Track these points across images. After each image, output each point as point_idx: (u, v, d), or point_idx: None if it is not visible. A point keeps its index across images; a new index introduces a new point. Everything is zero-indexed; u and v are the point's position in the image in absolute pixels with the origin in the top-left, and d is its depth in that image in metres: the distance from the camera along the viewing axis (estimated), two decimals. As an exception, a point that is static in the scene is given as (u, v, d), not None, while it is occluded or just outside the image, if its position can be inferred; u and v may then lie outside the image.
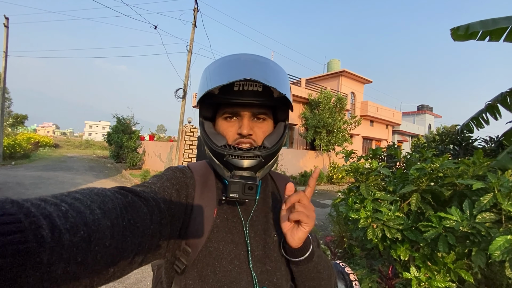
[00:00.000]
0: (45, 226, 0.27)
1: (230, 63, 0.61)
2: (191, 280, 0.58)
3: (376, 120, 21.13)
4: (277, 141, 0.66)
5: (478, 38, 2.88)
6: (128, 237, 0.39)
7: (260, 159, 0.62)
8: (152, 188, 0.54)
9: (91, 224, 0.32)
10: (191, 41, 9.89)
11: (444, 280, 1.65)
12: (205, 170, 0.69)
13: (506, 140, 3.29)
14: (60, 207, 0.30)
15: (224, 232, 0.61)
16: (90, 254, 0.31)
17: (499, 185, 1.46)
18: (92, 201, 0.35)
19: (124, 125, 14.27)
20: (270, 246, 0.65)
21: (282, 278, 0.65)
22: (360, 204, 1.81)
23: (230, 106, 0.65)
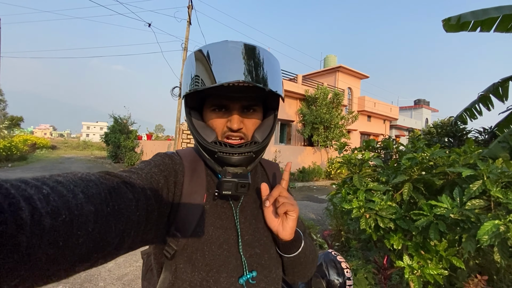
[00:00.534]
0: (25, 208, 0.26)
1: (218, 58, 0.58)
2: (182, 264, 0.59)
3: (373, 115, 21.17)
4: (268, 134, 0.66)
5: (469, 28, 2.89)
6: (112, 223, 0.38)
7: (251, 155, 0.63)
8: (139, 173, 0.53)
9: (73, 209, 0.31)
10: (186, 38, 9.84)
11: (437, 268, 1.68)
12: (194, 157, 0.69)
13: (499, 131, 3.32)
14: (42, 189, 0.29)
15: (214, 218, 0.62)
16: (71, 239, 0.31)
17: (488, 172, 1.48)
18: (76, 185, 0.34)
19: (121, 125, 14.23)
20: (260, 230, 0.67)
21: (270, 260, 0.67)
22: (353, 195, 1.83)
23: (219, 98, 0.63)
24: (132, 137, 13.95)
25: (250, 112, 0.66)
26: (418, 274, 1.71)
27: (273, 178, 0.78)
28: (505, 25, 2.78)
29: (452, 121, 3.65)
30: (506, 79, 3.12)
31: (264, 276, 0.65)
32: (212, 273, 0.59)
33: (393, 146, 2.09)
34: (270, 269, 0.66)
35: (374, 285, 2.37)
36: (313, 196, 8.96)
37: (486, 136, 3.76)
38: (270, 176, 0.78)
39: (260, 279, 0.64)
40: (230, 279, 0.60)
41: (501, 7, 2.73)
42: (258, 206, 0.69)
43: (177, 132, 9.65)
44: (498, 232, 1.25)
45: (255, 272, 0.63)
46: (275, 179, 0.78)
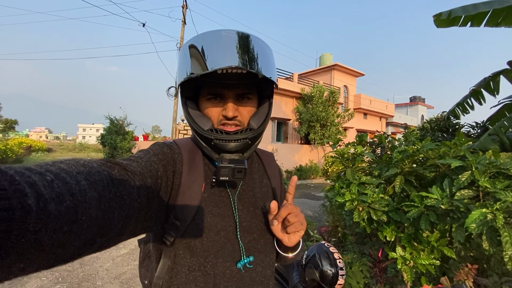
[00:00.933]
0: (30, 194, 0.26)
1: (211, 46, 0.59)
2: (181, 250, 0.61)
3: (369, 112, 21.28)
4: (263, 121, 0.67)
5: (460, 23, 2.93)
6: (115, 209, 0.39)
7: (247, 141, 0.64)
8: (139, 162, 0.54)
9: (77, 195, 0.32)
10: (181, 38, 9.82)
11: (429, 258, 1.71)
12: (192, 146, 0.70)
13: (491, 125, 3.37)
14: (45, 176, 0.30)
15: (212, 206, 0.63)
16: (76, 224, 0.31)
17: (476, 163, 1.51)
18: (78, 172, 0.35)
19: (117, 126, 14.15)
20: (258, 216, 0.69)
21: (266, 245, 0.69)
22: (346, 189, 1.86)
23: (214, 87, 0.64)
24: (129, 138, 13.88)
25: (245, 100, 0.67)
26: (411, 265, 1.75)
27: (269, 167, 0.80)
28: (495, 19, 2.82)
29: (445, 116, 3.70)
30: (497, 73, 3.17)
31: (260, 260, 0.67)
32: (210, 258, 0.61)
33: (385, 140, 2.12)
34: (266, 254, 0.69)
35: (370, 278, 2.40)
36: (310, 193, 9.00)
37: (478, 130, 3.81)
38: (266, 165, 0.80)
39: (257, 263, 0.66)
40: (226, 263, 0.62)
41: (491, 2, 2.77)
42: (256, 193, 0.71)
43: (174, 132, 9.63)
44: (485, 220, 1.29)
45: (252, 257, 0.65)
46: (270, 168, 0.80)
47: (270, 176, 0.78)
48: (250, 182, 0.72)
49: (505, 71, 3.03)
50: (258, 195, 0.71)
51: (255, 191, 0.71)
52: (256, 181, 0.73)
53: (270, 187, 0.77)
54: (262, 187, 0.74)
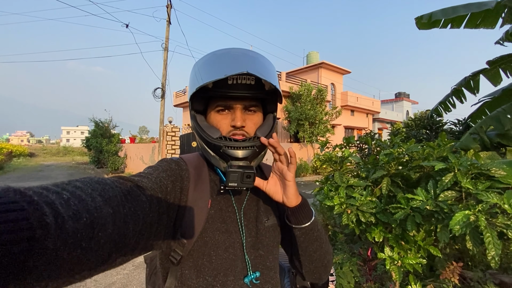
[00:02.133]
0: (49, 213, 0.27)
1: (222, 58, 0.63)
2: (187, 270, 0.61)
3: (356, 109, 21.65)
4: (269, 131, 0.69)
5: (440, 26, 3.01)
6: (130, 224, 0.40)
7: (254, 149, 0.65)
8: (149, 178, 0.55)
9: (93, 211, 0.33)
10: (166, 38, 9.66)
11: (415, 257, 1.75)
12: (199, 162, 0.71)
13: (472, 122, 3.49)
14: (62, 195, 0.31)
15: (219, 222, 0.64)
16: (93, 240, 0.32)
17: (459, 164, 1.56)
18: (93, 189, 0.36)
19: (103, 129, 13.80)
20: (262, 232, 0.69)
21: (274, 261, 0.70)
22: (335, 192, 1.87)
23: (223, 99, 0.66)
24: (115, 141, 13.57)
25: (251, 112, 0.69)
26: (399, 264, 1.79)
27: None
28: (474, 22, 2.92)
29: (428, 114, 3.79)
30: (477, 72, 3.28)
31: (270, 277, 0.67)
32: (220, 277, 0.60)
33: (371, 142, 2.16)
34: (275, 270, 0.70)
35: (360, 277, 2.45)
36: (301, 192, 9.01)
37: (460, 127, 3.93)
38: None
39: (266, 280, 0.66)
40: (237, 281, 0.62)
41: (469, 5, 2.86)
42: (260, 207, 0.72)
43: (161, 134, 9.48)
44: (468, 222, 1.32)
45: (258, 273, 0.65)
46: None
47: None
48: (255, 197, 0.73)
49: (484, 70, 3.14)
50: (262, 209, 0.72)
51: (260, 204, 0.72)
52: (260, 196, 0.74)
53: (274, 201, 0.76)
54: (266, 201, 0.74)
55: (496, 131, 2.32)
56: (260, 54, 0.68)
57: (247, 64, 0.60)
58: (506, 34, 2.74)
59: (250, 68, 0.58)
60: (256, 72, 0.59)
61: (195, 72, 0.65)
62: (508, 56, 2.91)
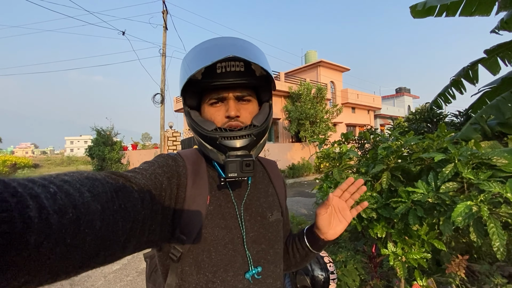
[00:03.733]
0: (32, 206, 0.26)
1: (208, 47, 0.62)
2: (187, 267, 0.60)
3: (357, 106, 21.56)
4: (265, 119, 0.67)
5: (436, 13, 2.98)
6: (119, 221, 0.39)
7: (252, 138, 0.63)
8: (144, 174, 0.54)
9: (80, 207, 0.32)
10: (164, 44, 9.70)
11: (420, 252, 1.71)
12: (196, 158, 0.69)
13: (473, 113, 3.44)
14: (49, 188, 0.30)
15: (218, 218, 0.63)
16: (79, 236, 0.31)
17: (459, 155, 1.52)
18: (82, 184, 0.35)
19: (105, 137, 13.89)
20: (266, 226, 0.69)
21: (275, 255, 0.70)
22: (334, 188, 1.84)
23: (215, 90, 0.65)
24: (117, 149, 13.65)
25: (245, 102, 0.67)
26: (403, 260, 1.75)
27: (274, 176, 0.80)
28: (469, 9, 2.88)
29: (428, 107, 3.75)
30: (475, 62, 3.23)
31: (271, 271, 0.67)
32: (219, 273, 0.60)
33: (370, 136, 2.13)
34: (276, 264, 0.69)
35: (365, 275, 2.40)
36: (304, 191, 9.03)
37: (461, 118, 3.88)
38: (270, 173, 0.80)
39: (267, 275, 0.66)
40: (237, 277, 0.61)
41: (464, -9, 2.82)
42: (262, 203, 0.71)
43: (162, 139, 9.50)
44: (471, 213, 1.29)
45: (260, 268, 0.64)
46: (275, 177, 0.80)
47: (275, 185, 0.78)
48: (255, 192, 0.72)
49: (482, 60, 3.10)
50: (264, 204, 0.71)
51: (261, 200, 0.71)
52: (261, 191, 0.73)
53: (276, 196, 0.76)
54: (268, 197, 0.73)
55: (497, 120, 2.28)
56: (248, 41, 0.66)
57: (234, 49, 0.59)
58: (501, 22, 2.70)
59: (237, 52, 0.57)
60: (243, 55, 0.57)
61: (184, 67, 0.64)
62: (506, 44, 2.86)
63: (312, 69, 19.51)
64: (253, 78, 0.65)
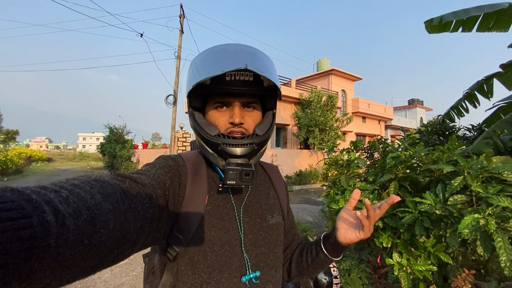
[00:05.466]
0: (48, 211, 0.27)
1: (219, 53, 0.62)
2: (183, 266, 0.60)
3: (368, 116, 21.34)
4: (268, 129, 0.68)
5: (451, 29, 2.97)
6: (131, 220, 0.40)
7: (253, 147, 0.64)
8: (147, 175, 0.55)
9: (93, 208, 0.33)
10: (179, 47, 9.92)
11: (425, 264, 1.70)
12: (197, 159, 0.70)
13: (487, 127, 3.38)
14: (61, 193, 0.31)
15: (215, 219, 0.63)
16: (95, 236, 0.32)
17: (468, 167, 1.52)
18: (91, 187, 0.36)
19: (117, 135, 14.20)
20: (265, 229, 0.68)
21: (275, 260, 0.68)
22: (341, 195, 1.86)
23: (221, 96, 0.65)
24: (128, 147, 13.92)
25: (250, 109, 0.68)
26: (408, 271, 1.74)
27: (275, 179, 0.80)
28: (486, 24, 2.85)
29: (440, 119, 3.71)
30: (490, 76, 3.19)
31: (271, 276, 0.66)
32: (214, 274, 0.59)
33: (379, 146, 2.13)
34: (276, 269, 0.68)
35: (369, 285, 2.38)
36: (311, 199, 8.96)
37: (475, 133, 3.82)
38: (271, 177, 0.80)
39: (267, 280, 0.65)
40: (232, 279, 0.61)
41: (482, 6, 2.80)
42: (262, 205, 0.70)
43: (172, 140, 9.65)
44: (478, 226, 1.28)
45: (258, 272, 0.63)
46: (276, 180, 0.81)
47: (277, 188, 0.78)
48: (256, 194, 0.72)
49: (498, 74, 3.06)
50: (264, 207, 0.71)
51: (261, 203, 0.71)
52: (262, 193, 0.73)
53: (277, 199, 0.76)
54: (268, 199, 0.73)
55: (510, 136, 2.25)
56: (259, 50, 0.67)
57: (246, 60, 0.59)
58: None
59: (248, 64, 0.57)
60: (254, 68, 0.58)
61: (192, 69, 0.64)
62: (523, 59, 2.82)
63: (323, 77, 19.48)
64: (260, 88, 0.66)
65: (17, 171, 15.12)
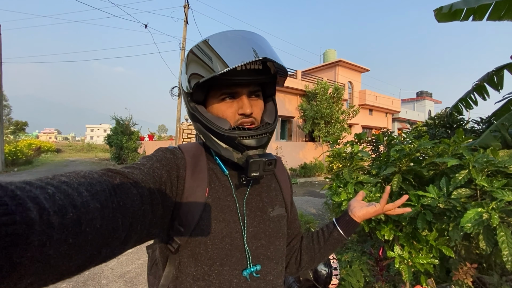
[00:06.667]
0: (33, 208, 0.26)
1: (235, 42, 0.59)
2: (185, 258, 0.60)
3: (375, 108, 21.03)
4: (275, 116, 0.69)
5: (462, 17, 2.87)
6: (119, 219, 0.39)
7: (267, 136, 0.64)
8: (141, 169, 0.53)
9: (80, 206, 0.32)
10: (184, 38, 9.86)
11: (427, 257, 1.70)
12: (196, 151, 0.68)
13: (496, 120, 3.30)
14: (47, 189, 0.30)
15: (216, 211, 0.62)
16: (81, 236, 0.32)
17: (474, 161, 1.49)
18: (79, 184, 0.35)
19: (123, 127, 14.34)
20: (266, 222, 0.67)
21: (276, 252, 0.68)
22: (343, 188, 1.85)
23: (229, 86, 0.63)
24: (134, 138, 14.06)
25: (255, 97, 0.66)
26: (409, 264, 1.74)
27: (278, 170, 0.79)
28: (498, 13, 2.75)
29: (447, 112, 3.64)
30: (501, 67, 3.10)
31: (271, 268, 0.66)
32: (215, 267, 0.60)
33: (383, 138, 2.11)
34: (277, 261, 0.68)
35: (371, 276, 2.40)
36: (315, 191, 8.98)
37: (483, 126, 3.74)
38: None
39: (267, 272, 0.65)
40: (233, 271, 0.61)
41: (494, -6, 2.70)
42: (263, 197, 0.70)
43: (178, 131, 9.71)
44: (481, 220, 1.27)
45: (259, 266, 0.63)
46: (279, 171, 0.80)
47: (279, 180, 0.77)
48: (257, 186, 0.71)
49: (508, 65, 2.97)
50: (265, 199, 0.70)
51: (262, 195, 0.70)
52: (263, 186, 0.72)
53: (280, 191, 0.75)
54: (270, 191, 0.73)
55: (519, 129, 2.19)
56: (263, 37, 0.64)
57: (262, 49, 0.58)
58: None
59: (257, 53, 0.56)
60: (273, 57, 0.57)
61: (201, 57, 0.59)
62: (536, 50, 2.72)
63: (330, 68, 19.19)
64: (268, 76, 0.64)
65: (27, 161, 15.46)
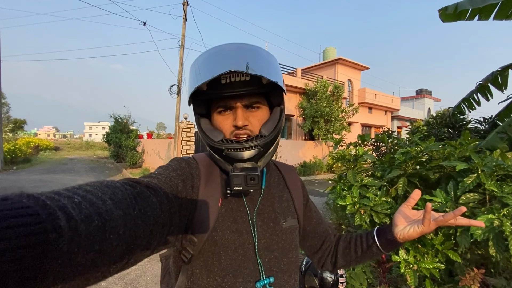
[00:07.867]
0: (62, 217, 0.28)
1: (213, 57, 0.61)
2: (198, 269, 0.60)
3: (374, 106, 21.02)
4: (274, 127, 0.66)
5: (467, 17, 2.83)
6: (141, 226, 0.40)
7: (259, 149, 0.62)
8: (159, 178, 0.55)
9: (104, 214, 0.34)
10: (183, 36, 9.77)
11: (433, 262, 1.67)
12: (210, 161, 0.70)
13: (499, 120, 3.27)
14: (74, 199, 0.32)
15: (229, 222, 0.62)
16: (106, 242, 0.33)
17: (483, 165, 1.46)
18: (103, 193, 0.37)
19: (122, 125, 14.25)
20: (278, 233, 0.66)
21: (289, 265, 0.67)
22: (347, 191, 1.82)
23: (222, 100, 0.64)
24: (133, 137, 13.99)
25: (254, 109, 0.66)
26: (415, 268, 1.71)
27: (290, 180, 0.78)
28: (504, 12, 2.71)
29: (450, 112, 3.60)
30: (506, 67, 3.07)
31: (284, 281, 0.65)
32: (228, 278, 0.59)
33: (387, 140, 2.07)
34: (290, 274, 0.66)
35: (373, 279, 2.38)
36: (315, 190, 8.96)
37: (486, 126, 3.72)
38: (286, 178, 0.78)
39: (281, 285, 0.64)
40: (247, 284, 0.60)
41: (500, -7, 2.66)
42: (275, 208, 0.69)
43: (177, 130, 9.65)
44: (492, 227, 1.24)
45: (272, 278, 0.62)
46: (291, 181, 0.78)
47: (291, 190, 0.76)
48: (269, 197, 0.70)
49: (514, 65, 2.93)
50: (278, 210, 0.69)
51: (275, 206, 0.69)
52: (275, 196, 0.71)
53: (291, 201, 0.74)
54: (282, 202, 0.72)
55: (526, 130, 2.16)
56: (257, 47, 0.65)
57: (236, 61, 0.58)
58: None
59: (238, 65, 0.56)
60: (245, 68, 0.56)
61: (191, 74, 0.64)
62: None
63: (330, 66, 19.13)
64: (260, 86, 0.64)
65: (25, 160, 15.37)
